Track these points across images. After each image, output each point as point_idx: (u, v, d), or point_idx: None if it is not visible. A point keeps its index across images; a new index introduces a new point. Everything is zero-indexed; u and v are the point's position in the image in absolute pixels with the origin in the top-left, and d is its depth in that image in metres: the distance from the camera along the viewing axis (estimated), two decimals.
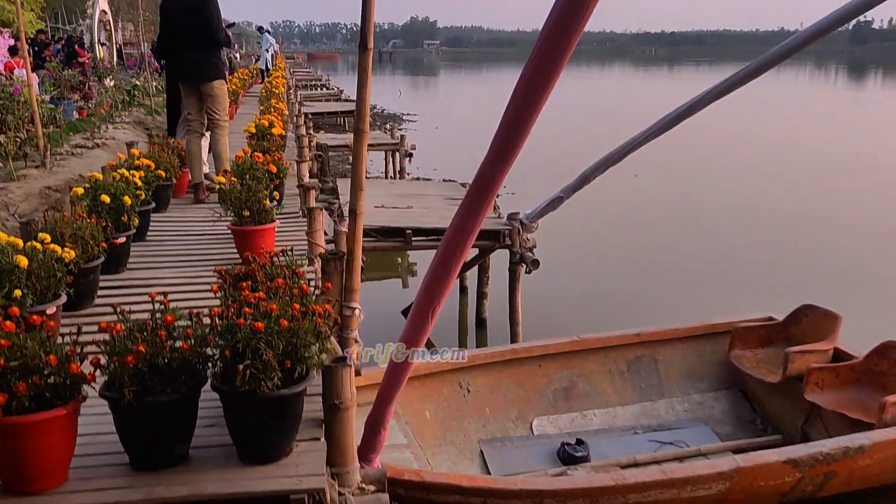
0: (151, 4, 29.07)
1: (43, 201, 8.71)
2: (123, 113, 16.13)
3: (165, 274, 4.79)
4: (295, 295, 2.77)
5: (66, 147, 11.67)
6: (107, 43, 22.36)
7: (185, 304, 4.18)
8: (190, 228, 5.99)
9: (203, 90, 6.90)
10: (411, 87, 55.12)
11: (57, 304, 3.49)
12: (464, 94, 50.05)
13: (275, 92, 13.82)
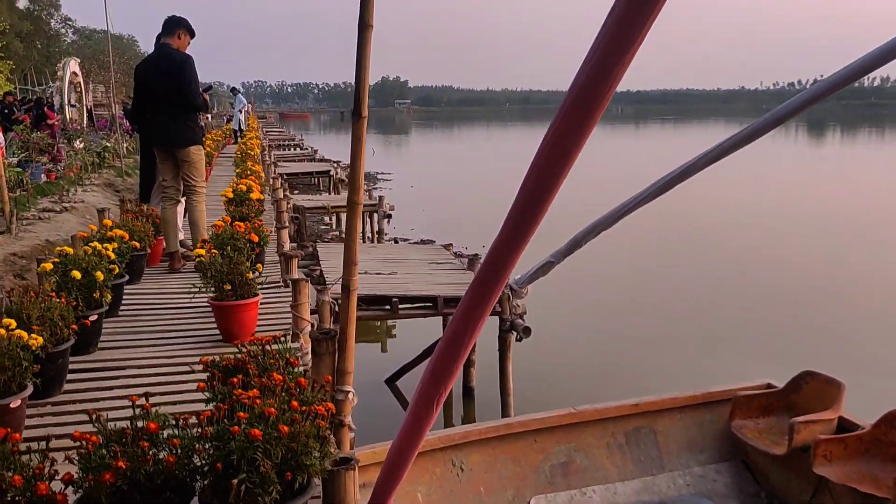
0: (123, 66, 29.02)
1: (8, 268, 8.37)
2: (93, 175, 15.86)
3: (140, 354, 4.48)
4: (291, 389, 2.50)
5: (34, 211, 11.36)
6: (77, 105, 22.14)
7: (163, 390, 3.90)
8: (166, 301, 5.68)
9: (179, 156, 6.67)
10: (384, 146, 55.50)
11: (22, 396, 3.18)
12: (436, 152, 50.48)
13: (250, 153, 13.63)
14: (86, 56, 41.95)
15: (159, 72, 6.54)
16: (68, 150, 16.09)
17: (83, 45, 59.54)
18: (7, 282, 7.99)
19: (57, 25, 54.73)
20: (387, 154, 45.73)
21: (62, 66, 21.36)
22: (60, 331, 3.73)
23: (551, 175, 2.29)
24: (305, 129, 77.43)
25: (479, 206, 22.55)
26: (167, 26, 6.66)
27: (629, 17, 1.63)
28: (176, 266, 6.72)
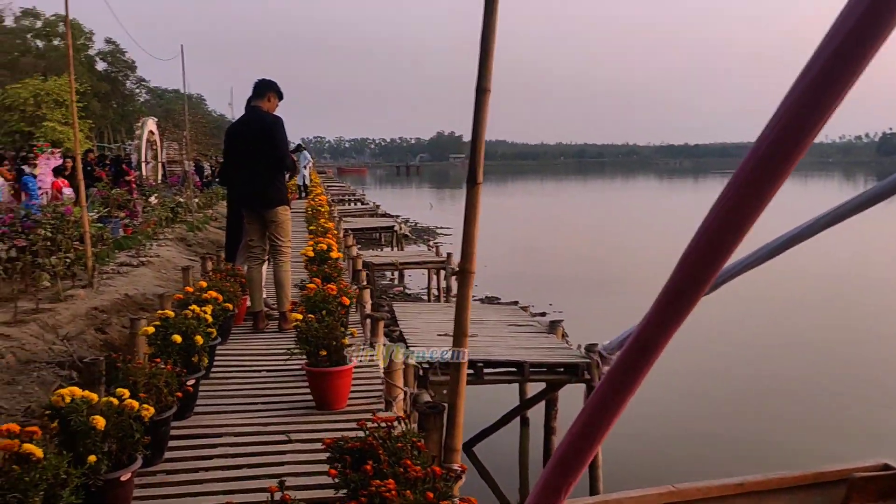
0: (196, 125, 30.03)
1: (90, 322, 8.49)
2: (167, 230, 16.23)
3: (235, 420, 4.41)
4: (419, 475, 2.36)
5: (113, 265, 11.60)
6: (152, 161, 22.89)
7: (263, 461, 3.80)
8: (254, 363, 5.64)
9: (267, 216, 6.69)
10: (439, 200, 55.83)
11: (132, 469, 3.11)
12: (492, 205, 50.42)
13: (320, 210, 13.76)
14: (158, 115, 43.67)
15: (250, 133, 6.61)
16: (144, 206, 16.54)
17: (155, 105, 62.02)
18: (89, 336, 8.10)
19: (132, 86, 57.18)
20: (443, 208, 45.95)
21: (140, 125, 22.20)
22: (165, 398, 3.69)
23: (721, 246, 2.13)
24: (362, 183, 78.66)
25: (539, 260, 22.40)
26: (258, 89, 6.77)
27: (838, 63, 1.48)
28: (260, 326, 6.70)
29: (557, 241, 27.18)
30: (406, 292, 17.49)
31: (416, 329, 8.00)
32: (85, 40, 47.46)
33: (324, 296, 5.24)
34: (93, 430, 2.95)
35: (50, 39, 46.37)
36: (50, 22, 45.81)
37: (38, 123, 27.22)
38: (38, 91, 27.75)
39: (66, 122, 26.23)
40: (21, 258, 8.19)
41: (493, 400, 8.50)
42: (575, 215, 39.66)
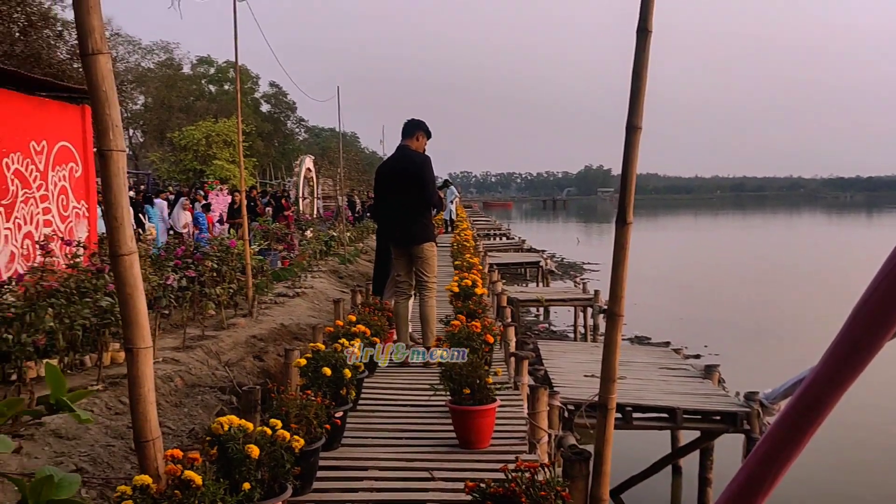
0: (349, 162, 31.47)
1: (248, 350, 8.97)
2: (320, 262, 16.99)
3: (380, 454, 4.50)
4: None
5: (270, 296, 12.26)
6: (309, 197, 24.16)
7: (406, 498, 3.85)
8: (399, 397, 5.75)
9: (414, 252, 6.87)
10: (587, 235, 55.05)
11: (283, 497, 3.23)
12: (642, 241, 49.20)
13: (466, 245, 13.94)
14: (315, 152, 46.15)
15: (399, 172, 6.83)
16: (301, 239, 17.45)
17: (312, 143, 65.54)
18: (248, 363, 8.56)
19: (292, 126, 60.80)
20: (591, 243, 45.27)
21: (299, 162, 23.57)
22: (314, 429, 3.82)
23: None
24: (508, 218, 79.06)
25: (693, 300, 21.47)
26: (406, 129, 7.00)
27: None
28: (407, 360, 6.83)
29: (713, 280, 26.02)
30: (551, 329, 17.32)
31: (562, 369, 7.88)
32: (252, 84, 51.21)
33: (468, 333, 5.27)
34: (248, 459, 3.10)
35: (221, 84, 50.42)
36: (221, 68, 49.86)
37: (208, 162, 29.53)
38: (209, 132, 30.14)
39: (233, 161, 28.29)
40: (191, 288, 8.84)
41: (642, 446, 8.19)
42: (732, 252, 37.83)
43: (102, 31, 2.63)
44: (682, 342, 13.68)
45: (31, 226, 8.43)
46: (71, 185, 9.35)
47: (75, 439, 4.99)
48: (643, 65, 3.07)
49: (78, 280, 6.44)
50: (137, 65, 41.12)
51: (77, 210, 9.50)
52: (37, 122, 8.74)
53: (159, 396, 6.39)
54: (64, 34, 19.50)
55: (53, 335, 5.56)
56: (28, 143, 8.51)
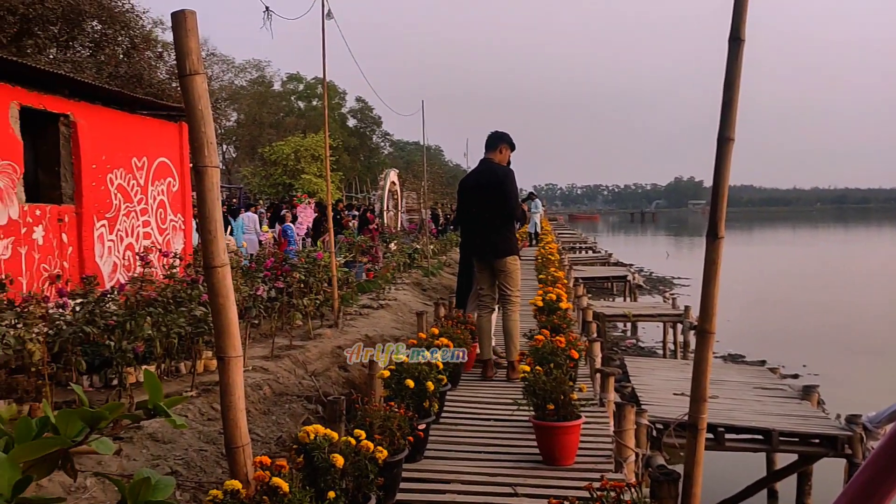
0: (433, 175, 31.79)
1: (333, 360, 9.14)
2: (404, 274, 17.18)
3: (463, 467, 4.51)
4: None
5: (355, 307, 12.47)
6: (393, 210, 24.51)
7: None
8: (482, 411, 5.76)
9: (496, 266, 6.87)
10: (677, 248, 53.76)
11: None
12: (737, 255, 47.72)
13: (550, 258, 13.85)
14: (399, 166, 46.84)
15: (482, 185, 6.86)
16: (385, 252, 17.70)
17: (397, 156, 66.54)
18: (333, 373, 8.72)
19: (377, 140, 61.93)
20: (681, 257, 44.18)
21: (384, 175, 23.97)
22: (397, 441, 3.87)
23: None
24: (594, 231, 78.08)
25: (791, 316, 20.64)
26: (490, 142, 7.02)
27: None
28: (489, 374, 6.84)
29: (813, 296, 24.95)
30: (639, 346, 16.97)
31: (650, 386, 7.72)
32: (339, 100, 52.50)
33: (552, 348, 5.24)
34: (332, 468, 3.17)
35: (310, 100, 51.91)
36: (310, 85, 51.33)
37: (297, 176, 30.42)
38: (298, 147, 31.10)
39: (320, 175, 29.04)
40: (279, 299, 9.10)
41: (735, 469, 7.92)
42: (834, 267, 36.19)
43: (199, 52, 2.76)
44: (779, 361, 13.17)
45: (132, 238, 8.90)
46: (168, 199, 9.82)
47: (170, 443, 5.21)
48: (735, 74, 3.00)
49: (174, 290, 6.74)
50: (231, 83, 42.81)
51: (174, 223, 9.96)
52: (138, 139, 9.23)
53: (249, 404, 6.60)
54: (164, 55, 20.51)
55: (151, 342, 5.83)
56: (130, 160, 9.00)
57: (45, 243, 7.88)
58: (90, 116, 8.61)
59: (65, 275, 7.56)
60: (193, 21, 2.72)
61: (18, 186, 7.68)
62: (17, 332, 5.12)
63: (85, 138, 8.47)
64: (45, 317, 5.47)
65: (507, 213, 6.73)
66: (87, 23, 18.09)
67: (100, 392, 5.91)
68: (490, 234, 6.81)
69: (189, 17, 2.69)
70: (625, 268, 23.43)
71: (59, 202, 8.35)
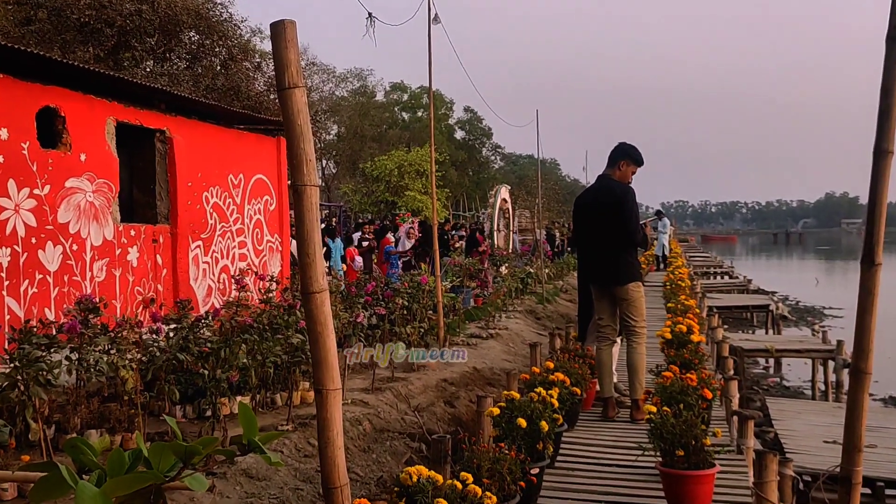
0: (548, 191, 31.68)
1: (439, 395, 9.20)
2: (516, 301, 17.13)
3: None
4: None
5: (462, 336, 12.53)
6: (504, 230, 24.57)
7: None
8: (603, 456, 5.64)
9: (617, 294, 6.75)
10: (828, 274, 51.33)
11: None
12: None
13: (680, 285, 13.50)
14: (511, 181, 46.94)
15: (598, 204, 6.77)
16: (495, 276, 17.73)
17: (509, 171, 66.74)
18: (438, 408, 8.78)
19: (487, 153, 62.36)
20: (833, 284, 42.13)
21: (494, 192, 24.09)
22: (507, 486, 3.84)
23: None
24: (731, 253, 75.68)
25: None
26: (611, 156, 6.93)
27: None
28: (610, 414, 6.71)
29: None
30: (783, 385, 16.28)
31: (796, 432, 7.39)
32: (446, 110, 53.34)
33: (682, 386, 5.09)
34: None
35: (415, 111, 52.94)
36: (415, 94, 52.37)
37: (400, 193, 30.98)
38: (401, 162, 31.69)
39: (425, 192, 29.46)
40: (380, 326, 9.26)
41: None
42: None
43: (298, 64, 2.86)
44: None
45: (228, 260, 9.28)
46: (265, 219, 10.20)
47: (265, 480, 5.37)
48: (894, 78, 2.85)
49: (270, 316, 6.97)
50: (332, 94, 44.12)
51: (271, 244, 10.33)
52: (235, 155, 9.63)
53: (347, 440, 6.72)
54: (262, 65, 21.42)
55: (246, 372, 6.04)
56: (227, 177, 9.40)
57: (139, 265, 8.31)
58: (186, 131, 9.04)
59: (158, 298, 7.95)
60: (293, 32, 2.82)
61: (114, 206, 8.13)
62: (111, 358, 5.41)
63: (181, 154, 8.88)
64: (138, 343, 5.76)
65: (625, 235, 6.61)
66: (185, 34, 19.13)
67: (192, 423, 6.16)
68: (608, 257, 6.71)
69: (289, 28, 2.79)
70: (767, 296, 22.58)
71: (154, 222, 8.77)
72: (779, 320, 19.44)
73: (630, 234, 6.64)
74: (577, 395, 5.86)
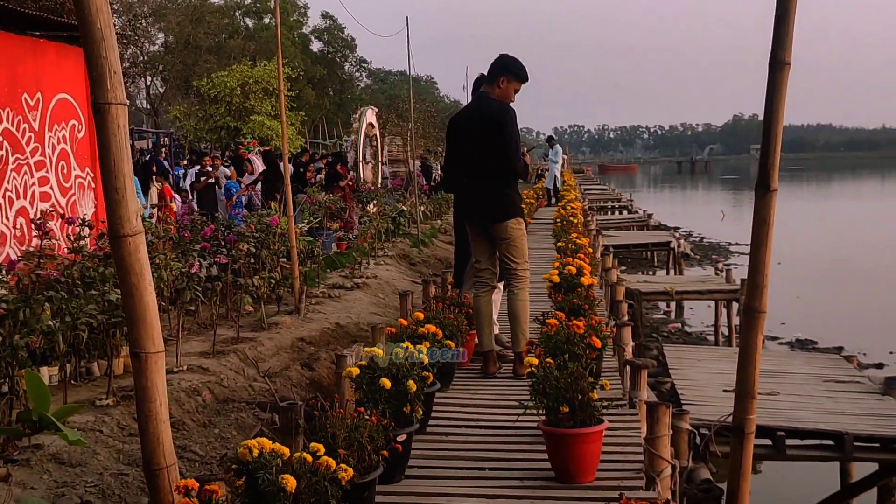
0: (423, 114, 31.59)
1: (295, 356, 9.18)
2: (386, 244, 17.15)
3: (456, 488, 4.54)
4: None
5: (323, 288, 12.47)
6: (371, 161, 24.40)
7: None
8: (482, 418, 5.78)
9: (495, 232, 6.80)
10: (735, 206, 53.83)
11: None
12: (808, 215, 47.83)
13: (572, 221, 13.86)
14: (380, 103, 46.55)
15: (473, 126, 6.77)
16: (361, 215, 17.66)
17: (377, 90, 66.16)
18: (294, 372, 8.75)
19: (350, 69, 61.52)
20: (740, 218, 44.23)
21: (358, 116, 23.75)
22: (368, 456, 3.88)
23: None
24: (631, 185, 78.10)
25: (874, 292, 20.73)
26: (490, 71, 6.93)
27: None
28: (491, 370, 6.84)
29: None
30: (685, 331, 17.07)
31: (695, 381, 7.79)
32: (299, 16, 52.04)
33: (568, 335, 5.25)
34: (282, 492, 3.18)
35: (260, 17, 51.38)
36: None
37: (245, 117, 30.16)
38: (245, 79, 30.74)
39: (275, 115, 28.82)
40: (222, 278, 9.02)
41: (801, 483, 8.06)
42: None
43: None
44: (859, 347, 13.29)
45: (25, 200, 8.81)
46: (73, 149, 9.72)
47: (80, 466, 5.23)
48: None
49: (82, 268, 6.72)
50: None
51: (81, 180, 9.88)
52: (30, 70, 9.09)
53: (183, 414, 6.62)
54: None
55: (52, 336, 5.82)
56: (20, 96, 8.87)
57: None
58: None
59: None
60: None
61: None
62: None
63: None
64: None
65: (505, 164, 6.64)
66: None
67: None
68: (485, 190, 6.72)
69: None
70: (668, 232, 23.51)
71: None
72: (681, 259, 20.29)
73: (509, 162, 6.64)
74: (453, 350, 5.95)
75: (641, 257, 25.62)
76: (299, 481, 3.25)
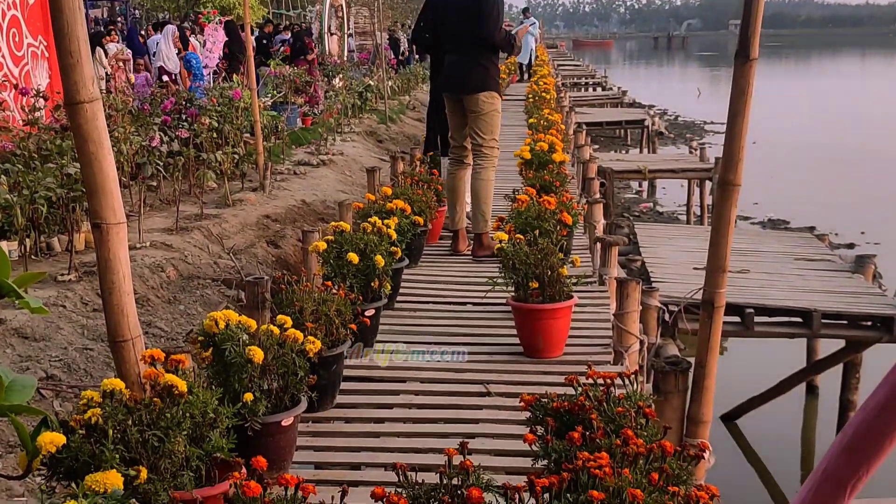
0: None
1: (261, 233, 9.19)
2: (353, 120, 17.01)
3: (423, 362, 4.65)
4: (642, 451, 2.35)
5: (288, 164, 12.40)
6: (337, 33, 23.90)
7: (454, 416, 4.00)
8: (450, 293, 5.87)
9: (466, 104, 6.76)
10: (712, 83, 53.62)
11: (295, 413, 3.39)
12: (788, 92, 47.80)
13: (545, 98, 13.76)
14: None
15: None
16: (327, 90, 17.41)
17: None
18: (260, 249, 8.79)
19: None
20: (717, 95, 44.11)
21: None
22: (336, 330, 3.94)
23: None
24: (606, 61, 77.42)
25: (849, 171, 20.97)
26: None
27: None
28: (461, 248, 6.90)
29: (884, 145, 25.22)
30: (657, 210, 17.22)
31: (665, 259, 7.91)
32: None
33: (538, 210, 5.29)
34: (249, 364, 3.23)
35: None
36: None
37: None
38: None
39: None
40: (183, 152, 8.94)
41: (768, 359, 8.28)
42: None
43: None
44: (831, 227, 13.49)
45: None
46: (24, 15, 9.42)
47: (44, 340, 5.28)
48: None
49: (39, 140, 6.62)
50: None
51: (34, 49, 9.62)
52: None
53: (147, 290, 6.66)
54: None
55: (10, 210, 5.78)
56: None
57: None
58: None
59: None
60: None
61: None
62: None
63: None
64: None
65: (481, 33, 6.55)
66: None
67: None
68: (461, 62, 6.68)
69: None
70: (643, 110, 23.40)
71: None
72: (655, 138, 20.31)
73: (486, 32, 6.54)
74: (421, 226, 5.98)
75: (615, 135, 25.62)
76: (266, 353, 3.30)
